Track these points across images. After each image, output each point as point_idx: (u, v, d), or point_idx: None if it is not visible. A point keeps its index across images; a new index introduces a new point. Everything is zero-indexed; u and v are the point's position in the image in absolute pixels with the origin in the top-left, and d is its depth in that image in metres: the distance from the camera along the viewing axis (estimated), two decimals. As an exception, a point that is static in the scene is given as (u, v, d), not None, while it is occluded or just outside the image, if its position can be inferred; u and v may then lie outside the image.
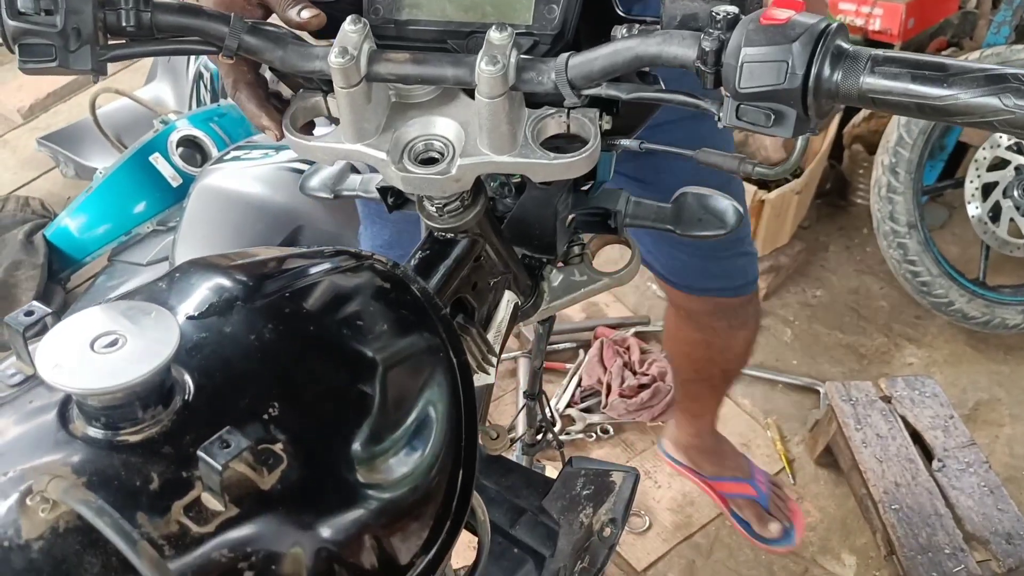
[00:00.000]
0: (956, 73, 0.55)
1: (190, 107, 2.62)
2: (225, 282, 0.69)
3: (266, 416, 0.59)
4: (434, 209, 0.81)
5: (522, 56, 0.70)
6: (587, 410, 2.17)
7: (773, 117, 0.59)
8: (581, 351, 2.31)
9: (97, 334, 0.56)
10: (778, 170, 0.67)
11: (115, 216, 2.29)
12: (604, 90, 0.69)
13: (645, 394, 2.11)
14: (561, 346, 2.33)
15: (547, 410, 1.34)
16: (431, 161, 0.76)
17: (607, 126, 0.76)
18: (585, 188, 0.96)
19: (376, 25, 0.81)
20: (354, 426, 0.62)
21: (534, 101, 0.75)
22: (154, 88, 2.71)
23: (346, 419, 0.62)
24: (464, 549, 0.74)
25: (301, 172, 2.09)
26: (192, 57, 2.69)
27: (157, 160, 2.28)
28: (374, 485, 0.61)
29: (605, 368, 2.20)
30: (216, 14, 0.72)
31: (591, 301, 2.47)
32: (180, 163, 2.30)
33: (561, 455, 1.43)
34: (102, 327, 0.56)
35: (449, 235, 0.84)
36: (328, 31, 0.82)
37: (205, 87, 2.65)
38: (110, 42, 0.71)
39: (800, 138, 0.62)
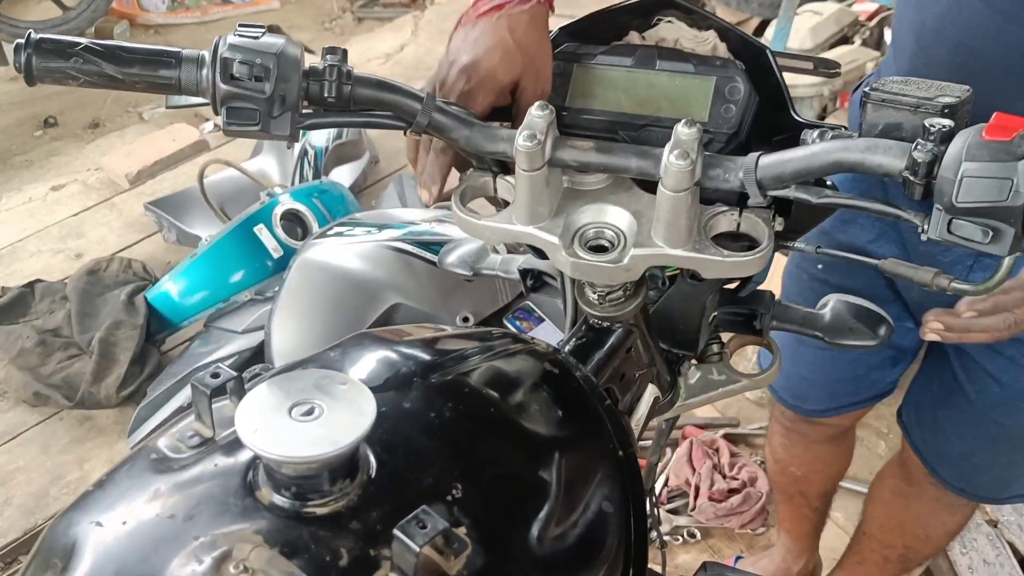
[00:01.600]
0: None
1: (293, 182, 2.69)
2: (400, 357, 0.68)
3: (449, 497, 0.58)
4: (595, 297, 0.81)
5: (707, 153, 0.70)
6: (674, 511, 2.11)
7: (991, 234, 0.58)
8: (668, 450, 2.26)
9: (295, 402, 0.56)
10: (981, 288, 0.64)
11: (214, 283, 2.33)
12: (793, 193, 0.69)
13: (736, 499, 2.04)
14: (647, 443, 2.28)
15: (655, 508, 1.30)
16: (600, 249, 0.76)
17: (779, 227, 0.75)
18: (734, 287, 0.95)
19: None
20: (533, 513, 0.60)
21: (705, 197, 0.75)
22: (259, 161, 2.79)
23: (526, 505, 0.61)
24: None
25: (401, 251, 2.12)
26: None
27: (261, 231, 2.33)
28: (550, 577, 0.59)
29: (694, 469, 2.14)
30: (411, 92, 0.74)
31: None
32: (283, 235, 2.35)
33: (663, 555, 1.38)
34: (299, 395, 0.56)
35: (605, 324, 0.83)
36: (499, 115, 0.84)
37: (309, 164, 2.72)
38: (305, 111, 0.73)
39: (1009, 257, 0.60)
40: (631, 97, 0.81)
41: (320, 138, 2.78)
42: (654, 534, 1.40)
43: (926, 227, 0.61)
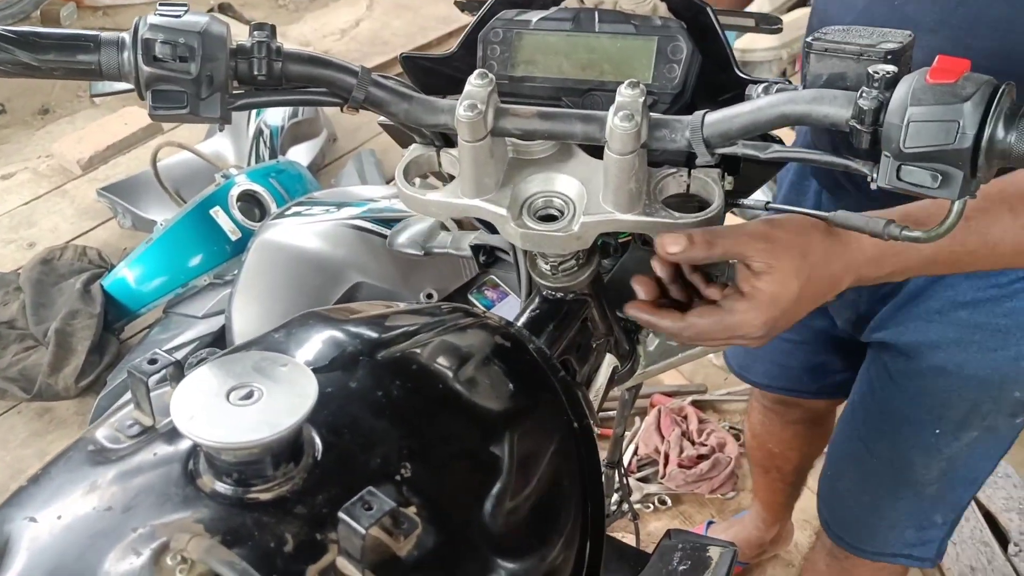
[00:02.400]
0: None
1: (249, 162, 2.64)
2: (346, 336, 0.67)
3: (398, 477, 0.56)
4: (548, 268, 0.79)
5: (652, 114, 0.69)
6: (644, 479, 2.12)
7: (940, 179, 0.57)
8: (637, 419, 2.26)
9: (232, 386, 0.54)
10: (932, 234, 0.63)
11: (172, 268, 2.29)
12: (740, 149, 0.67)
13: (705, 465, 2.05)
14: (613, 413, 2.29)
15: (625, 479, 1.30)
16: (550, 218, 0.74)
17: (729, 187, 0.74)
18: None
19: None
20: (486, 489, 0.59)
21: (653, 160, 0.74)
22: (214, 143, 2.73)
23: (477, 482, 0.59)
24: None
25: (361, 229, 2.09)
26: (252, 113, 2.72)
27: (218, 214, 2.28)
28: (504, 554, 0.58)
29: (663, 437, 2.15)
30: (345, 66, 0.71)
31: (644, 367, 2.43)
32: (240, 217, 2.31)
33: (635, 526, 1.38)
34: (238, 379, 0.54)
35: (559, 295, 0.82)
36: (442, 86, 0.82)
37: (264, 143, 2.67)
38: (235, 91, 0.70)
39: (959, 201, 0.59)
40: (573, 62, 0.79)
41: (276, 117, 2.73)
42: (626, 506, 1.40)
43: (875, 176, 0.60)
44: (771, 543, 1.92)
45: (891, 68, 0.59)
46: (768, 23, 0.84)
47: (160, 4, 0.67)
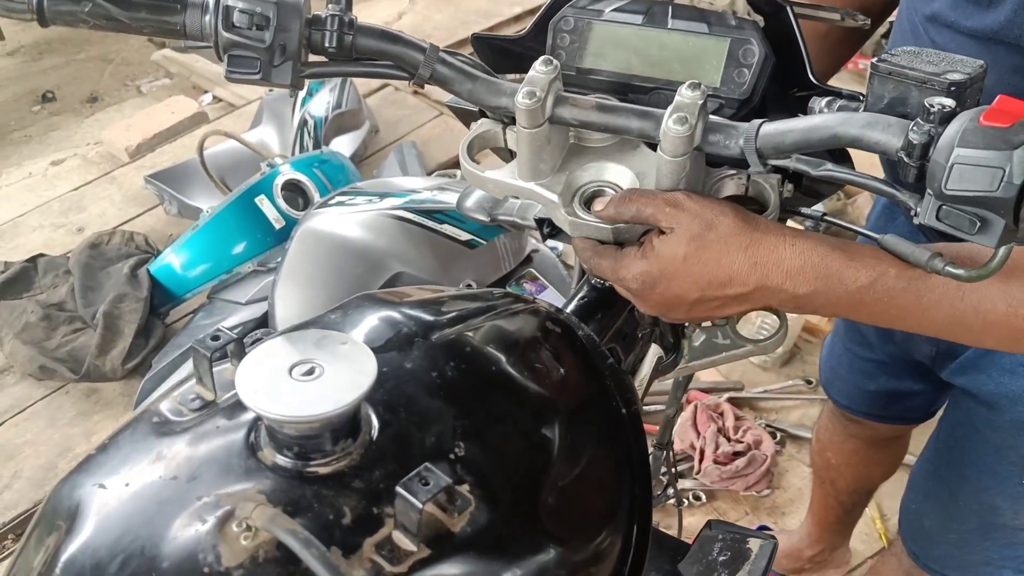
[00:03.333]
0: None
1: (293, 152, 2.67)
2: (401, 317, 0.68)
3: (452, 456, 0.58)
4: (597, 256, 0.80)
5: (711, 117, 0.68)
6: (679, 475, 2.12)
7: (978, 224, 0.55)
8: (677, 409, 2.26)
9: (295, 362, 0.55)
10: (974, 274, 0.61)
11: (217, 255, 2.33)
12: (793, 163, 0.66)
13: (740, 462, 2.05)
14: (653, 408, 2.29)
15: (673, 462, 1.30)
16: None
17: (788, 194, 0.74)
18: None
19: None
20: (536, 470, 0.60)
21: (713, 160, 0.73)
22: (259, 132, 2.77)
23: (529, 462, 0.60)
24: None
25: (402, 219, 2.12)
26: (297, 103, 2.76)
27: (262, 202, 2.32)
28: (554, 535, 0.59)
29: (698, 433, 2.15)
30: (414, 43, 0.73)
31: (681, 363, 2.43)
32: (284, 206, 2.34)
33: (679, 512, 1.39)
34: (300, 355, 0.56)
35: (607, 283, 0.82)
36: (512, 66, 0.82)
37: (308, 134, 2.70)
38: (309, 59, 0.73)
39: (1004, 247, 0.57)
40: (642, 58, 0.79)
41: (320, 108, 2.76)
42: (671, 490, 1.40)
43: (919, 211, 0.58)
44: (813, 562, 1.88)
45: (949, 102, 0.57)
46: (854, 19, 0.83)
47: None
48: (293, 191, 2.40)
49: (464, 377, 0.63)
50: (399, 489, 0.51)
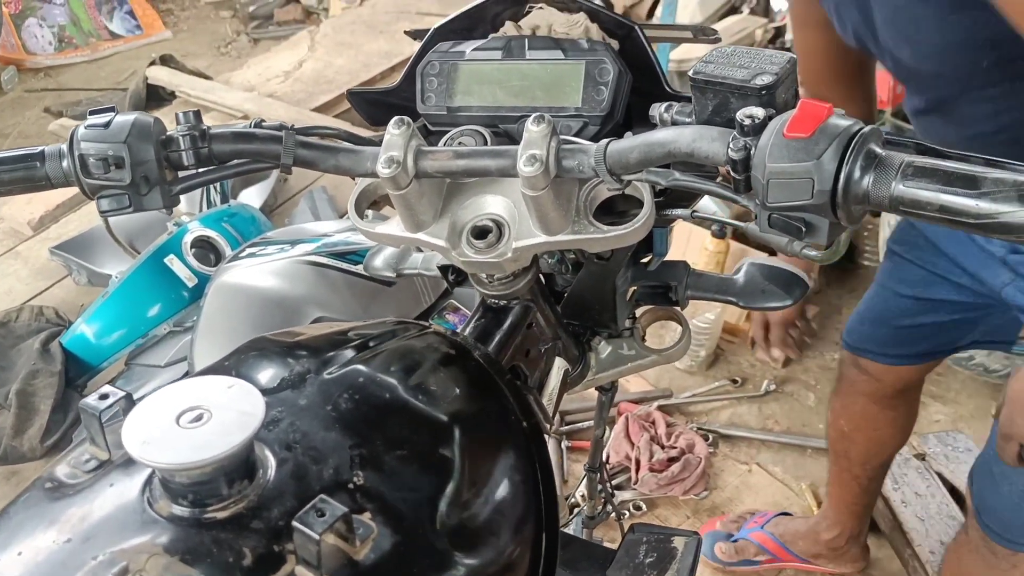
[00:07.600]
0: (991, 191, 0.50)
1: (201, 209, 2.65)
2: (293, 357, 0.68)
3: (351, 485, 0.58)
4: (485, 277, 0.82)
5: (563, 146, 0.69)
6: (617, 487, 2.14)
7: (805, 229, 0.57)
8: (606, 428, 2.29)
9: (182, 410, 0.55)
10: (822, 257, 0.64)
11: (131, 320, 2.29)
12: (645, 176, 0.67)
13: (675, 467, 2.08)
14: (584, 424, 2.31)
15: (607, 482, 1.32)
16: (488, 237, 0.76)
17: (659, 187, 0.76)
18: (645, 261, 0.96)
19: (429, 112, 0.83)
20: (438, 491, 0.61)
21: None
22: (164, 193, 2.74)
23: (430, 484, 0.61)
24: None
25: (317, 264, 2.11)
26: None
27: (172, 262, 2.29)
28: (461, 552, 0.59)
29: (632, 444, 2.18)
30: (268, 135, 0.74)
31: (610, 377, 2.46)
32: (196, 263, 2.31)
33: (620, 527, 1.41)
34: (185, 403, 0.56)
35: (502, 302, 0.84)
36: (389, 116, 0.84)
37: (215, 189, 2.68)
38: (178, 176, 0.75)
39: (844, 232, 0.59)
40: (506, 90, 0.81)
41: (224, 162, 2.74)
42: (610, 507, 1.42)
43: (758, 222, 0.60)
44: (830, 547, 1.89)
45: (759, 112, 0.58)
46: (706, 34, 0.87)
47: (90, 112, 0.72)
48: (204, 248, 2.38)
49: (359, 407, 0.64)
50: (295, 523, 0.51)
